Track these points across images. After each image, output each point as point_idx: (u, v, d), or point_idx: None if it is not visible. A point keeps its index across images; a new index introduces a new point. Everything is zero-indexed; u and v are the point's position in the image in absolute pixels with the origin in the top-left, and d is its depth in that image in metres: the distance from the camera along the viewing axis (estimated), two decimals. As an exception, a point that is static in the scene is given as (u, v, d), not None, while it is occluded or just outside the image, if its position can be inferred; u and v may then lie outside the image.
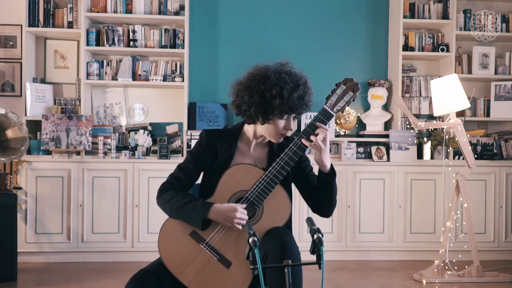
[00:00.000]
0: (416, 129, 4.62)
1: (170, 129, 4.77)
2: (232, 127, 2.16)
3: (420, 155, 4.69)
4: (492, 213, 4.63)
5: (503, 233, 4.63)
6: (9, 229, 3.70)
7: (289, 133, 2.10)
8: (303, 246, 2.17)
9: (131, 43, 4.65)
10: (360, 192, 4.55)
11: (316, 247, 1.60)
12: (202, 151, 2.09)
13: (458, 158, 4.68)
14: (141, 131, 4.64)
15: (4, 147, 3.85)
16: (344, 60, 5.00)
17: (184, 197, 1.97)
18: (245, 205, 1.95)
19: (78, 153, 4.43)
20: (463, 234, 4.51)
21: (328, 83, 2.06)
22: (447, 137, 4.57)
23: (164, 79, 4.70)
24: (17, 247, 3.79)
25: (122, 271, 4.00)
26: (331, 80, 2.06)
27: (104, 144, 4.48)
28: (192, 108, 4.71)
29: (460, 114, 4.69)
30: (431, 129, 4.68)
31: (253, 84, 1.97)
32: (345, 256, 4.55)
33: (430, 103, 4.85)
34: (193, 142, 4.45)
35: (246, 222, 1.92)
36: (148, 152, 4.55)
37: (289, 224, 2.05)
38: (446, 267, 3.98)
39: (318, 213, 2.13)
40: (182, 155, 4.54)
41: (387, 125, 4.93)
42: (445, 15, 4.83)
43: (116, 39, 4.64)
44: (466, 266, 3.98)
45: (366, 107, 4.99)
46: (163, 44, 4.70)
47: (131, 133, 4.67)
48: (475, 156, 4.46)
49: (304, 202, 2.18)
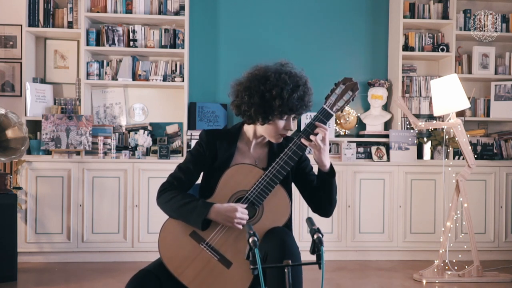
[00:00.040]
0: (416, 129, 4.62)
1: (170, 129, 4.77)
2: (232, 127, 2.16)
3: (420, 155, 4.69)
4: (492, 213, 4.63)
5: (503, 233, 4.63)
6: (9, 229, 3.70)
7: (289, 133, 2.10)
8: (303, 246, 2.17)
9: (131, 43, 4.65)
10: (360, 192, 4.55)
11: (316, 247, 1.59)
12: (202, 151, 2.09)
13: (458, 158, 4.68)
14: (141, 131, 4.64)
15: (4, 147, 3.85)
16: (344, 60, 5.00)
17: (184, 197, 1.97)
18: (245, 205, 1.95)
19: (78, 153, 4.43)
20: (463, 234, 4.51)
21: (328, 83, 2.06)
22: (447, 137, 4.56)
23: (164, 79, 4.70)
24: (17, 247, 3.79)
25: (122, 271, 4.00)
26: (331, 80, 2.06)
27: (104, 144, 4.48)
28: (192, 108, 4.71)
29: (460, 114, 4.69)
30: (431, 129, 4.68)
31: (253, 85, 1.97)
32: (345, 256, 4.55)
33: (430, 103, 4.85)
34: (193, 142, 4.45)
35: (246, 222, 1.92)
36: (148, 152, 4.55)
37: (289, 224, 2.05)
38: (446, 267, 3.98)
39: (318, 213, 2.13)
40: (182, 155, 4.54)
41: (387, 125, 4.93)
42: (445, 15, 4.83)
43: (116, 39, 4.64)
44: (466, 266, 3.98)
45: (366, 107, 4.99)
46: (163, 44, 4.70)
47: (131, 133, 4.67)
48: (475, 156, 4.46)
49: (304, 202, 2.18)
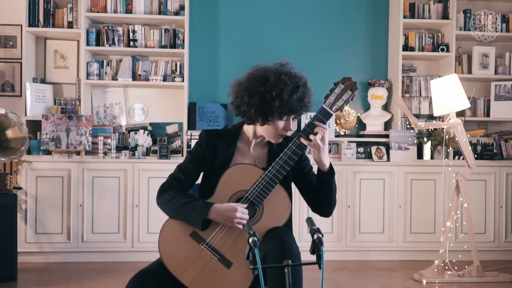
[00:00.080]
0: (416, 129, 4.62)
1: (170, 129, 4.77)
2: (232, 127, 2.16)
3: (420, 155, 4.69)
4: (492, 213, 4.63)
5: (503, 233, 4.63)
6: (9, 229, 3.70)
7: (289, 133, 2.10)
8: (303, 246, 2.17)
9: (131, 43, 4.65)
10: (360, 192, 4.55)
11: (316, 247, 1.59)
12: (202, 151, 2.08)
13: (458, 158, 4.68)
14: (141, 131, 4.64)
15: (4, 147, 3.85)
16: (344, 60, 5.00)
17: (184, 198, 1.97)
18: (246, 205, 1.94)
19: (78, 153, 4.43)
20: (463, 234, 4.51)
21: (328, 83, 2.06)
22: (447, 137, 4.56)
23: (164, 79, 4.70)
24: (17, 247, 3.79)
25: (122, 271, 4.00)
26: (331, 80, 2.06)
27: (104, 144, 4.48)
28: (192, 108, 4.71)
29: (460, 114, 4.69)
30: (431, 129, 4.68)
31: (253, 86, 1.97)
32: (345, 256, 4.55)
33: (430, 103, 4.85)
34: (193, 142, 4.45)
35: (246, 222, 1.92)
36: (148, 152, 4.55)
37: (289, 224, 2.05)
38: (446, 267, 3.98)
39: (318, 213, 2.13)
40: (182, 155, 4.54)
41: (387, 125, 4.93)
42: (445, 15, 4.83)
43: (116, 39, 4.64)
44: (466, 266, 3.98)
45: (366, 107, 4.99)
46: (163, 44, 4.70)
47: (131, 133, 4.67)
48: (475, 156, 4.46)
49: (304, 202, 2.18)
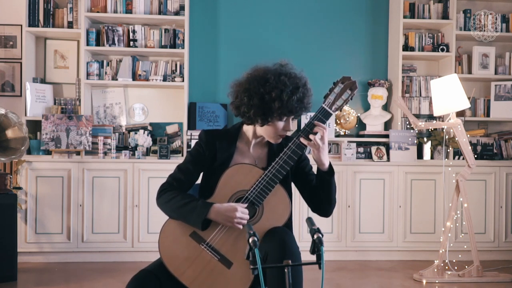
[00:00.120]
0: (416, 129, 4.62)
1: (170, 129, 4.77)
2: (232, 127, 2.16)
3: (420, 155, 4.69)
4: (492, 213, 4.63)
5: (503, 233, 4.63)
6: (9, 229, 3.70)
7: (289, 133, 2.10)
8: (303, 246, 2.17)
9: (131, 43, 4.65)
10: (360, 192, 4.54)
11: (316, 247, 1.59)
12: (202, 152, 2.08)
13: (458, 158, 4.68)
14: (141, 131, 4.64)
15: (4, 147, 3.85)
16: (344, 60, 5.00)
17: (184, 198, 1.97)
18: (246, 205, 1.94)
19: (78, 153, 4.43)
20: (463, 234, 4.51)
21: (328, 83, 2.05)
22: (447, 137, 4.56)
23: (164, 79, 4.70)
24: (17, 247, 3.79)
25: (122, 271, 4.00)
26: (331, 80, 2.06)
27: (104, 144, 4.48)
28: (192, 108, 4.71)
29: (460, 114, 4.69)
30: (431, 129, 4.68)
31: (253, 86, 1.97)
32: (345, 256, 4.55)
33: (430, 103, 4.85)
34: (193, 142, 4.45)
35: (246, 222, 1.92)
36: (148, 152, 4.55)
37: (289, 224, 2.05)
38: (446, 267, 3.98)
39: (318, 213, 2.13)
40: (182, 155, 4.54)
41: (387, 125, 4.93)
42: (445, 15, 4.83)
43: (116, 39, 4.64)
44: (466, 266, 3.98)
45: (366, 107, 4.99)
46: (163, 44, 4.70)
47: (131, 133, 4.67)
48: (475, 156, 4.46)
49: (304, 202, 2.18)
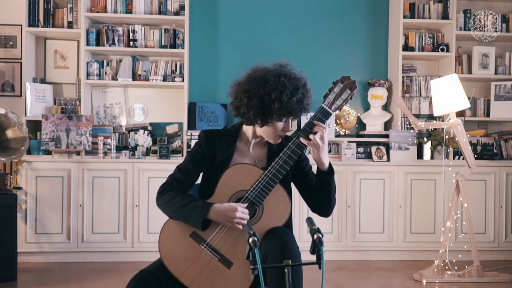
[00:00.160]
0: (416, 129, 4.62)
1: (170, 129, 4.77)
2: (231, 127, 2.16)
3: (420, 155, 4.69)
4: (492, 213, 4.63)
5: (503, 233, 4.63)
6: (9, 229, 3.70)
7: (289, 133, 2.10)
8: (303, 246, 2.17)
9: (131, 43, 4.65)
10: (360, 192, 4.54)
11: (316, 247, 1.59)
12: (201, 152, 2.08)
13: (458, 158, 4.68)
14: (141, 131, 4.64)
15: (4, 147, 3.85)
16: (344, 60, 5.00)
17: (184, 198, 1.97)
18: (246, 205, 1.94)
19: (78, 153, 4.43)
20: (463, 234, 4.51)
21: (328, 83, 2.05)
22: (447, 137, 4.56)
23: (164, 79, 4.70)
24: (17, 247, 3.79)
25: (122, 271, 4.00)
26: (331, 80, 2.06)
27: (104, 144, 4.48)
28: (192, 108, 4.71)
29: (460, 114, 4.69)
30: (431, 129, 4.68)
31: (252, 87, 1.96)
32: (345, 256, 4.55)
33: (430, 103, 4.85)
34: (193, 142, 4.45)
35: (246, 222, 1.92)
36: (148, 152, 4.55)
37: (289, 224, 2.05)
38: (446, 267, 3.98)
39: (317, 213, 2.13)
40: (182, 155, 4.54)
41: (387, 125, 4.93)
42: (445, 15, 4.83)
43: (116, 39, 4.64)
44: (466, 266, 3.98)
45: (366, 107, 4.99)
46: (163, 44, 4.70)
47: (131, 133, 4.67)
48: (475, 156, 4.46)
49: (304, 202, 2.18)
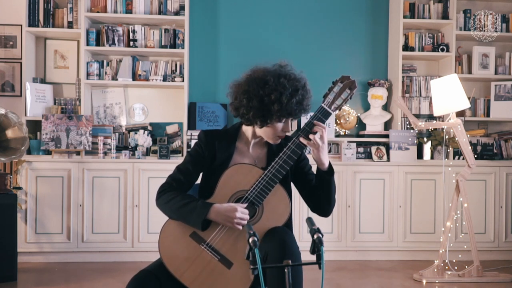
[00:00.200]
0: (416, 129, 4.62)
1: (170, 129, 4.77)
2: (231, 127, 2.16)
3: (420, 155, 4.69)
4: (492, 213, 4.63)
5: (503, 233, 4.63)
6: (9, 229, 3.70)
7: (288, 133, 2.10)
8: (303, 246, 2.17)
9: (131, 43, 4.65)
10: (360, 192, 4.54)
11: (316, 247, 1.59)
12: (201, 152, 2.08)
13: (458, 158, 4.68)
14: (141, 131, 4.64)
15: (4, 147, 3.85)
16: (344, 60, 5.00)
17: (184, 198, 1.97)
18: (245, 205, 1.94)
19: (78, 153, 4.43)
20: (463, 234, 4.51)
21: (328, 83, 2.05)
22: (447, 137, 4.56)
23: (164, 79, 4.70)
24: (17, 247, 3.79)
25: (122, 271, 4.00)
26: (331, 80, 2.06)
27: (104, 144, 4.48)
28: (192, 108, 4.71)
29: (460, 114, 4.69)
30: (431, 129, 4.68)
31: (252, 88, 1.96)
32: (345, 256, 4.55)
33: (430, 103, 4.85)
34: (193, 142, 4.45)
35: (246, 222, 1.92)
36: (148, 152, 4.55)
37: (289, 224, 2.05)
38: (446, 267, 3.98)
39: (317, 213, 2.13)
40: (182, 155, 4.54)
41: (387, 125, 4.93)
42: (445, 15, 4.83)
43: (116, 39, 4.64)
44: (466, 266, 3.98)
45: (366, 107, 4.99)
46: (163, 44, 4.70)
47: (131, 133, 4.67)
48: (475, 156, 4.46)
49: (304, 202, 2.17)
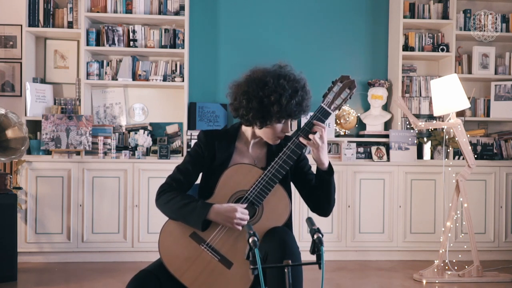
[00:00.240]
0: (416, 129, 4.62)
1: (170, 129, 4.77)
2: (230, 127, 2.16)
3: (420, 155, 4.69)
4: (492, 213, 4.63)
5: (503, 233, 4.63)
6: (9, 229, 3.70)
7: (288, 134, 2.10)
8: (303, 246, 2.17)
9: (131, 43, 4.65)
10: (360, 192, 4.54)
11: (316, 247, 1.59)
12: (201, 152, 2.08)
13: (458, 158, 4.68)
14: (141, 131, 4.64)
15: (4, 147, 3.85)
16: (344, 60, 5.00)
17: (183, 198, 1.97)
18: (245, 205, 1.94)
19: (78, 153, 4.43)
20: (463, 234, 4.51)
21: (328, 83, 2.05)
22: (447, 137, 4.56)
23: (164, 79, 4.70)
24: (17, 247, 3.79)
25: (122, 271, 4.00)
26: (331, 80, 2.06)
27: (104, 144, 4.48)
28: (192, 108, 4.71)
29: (460, 114, 4.68)
30: (431, 129, 4.68)
31: (251, 89, 1.96)
32: (345, 256, 4.55)
33: (430, 103, 4.85)
34: (193, 142, 4.45)
35: (246, 222, 1.92)
36: (148, 152, 4.55)
37: (289, 223, 2.05)
38: (446, 267, 3.98)
39: (317, 212, 2.13)
40: (182, 155, 4.54)
41: (387, 125, 4.93)
42: (445, 15, 4.83)
43: (116, 39, 4.64)
44: (466, 266, 3.98)
45: (366, 107, 4.99)
46: (163, 44, 4.70)
47: (131, 133, 4.67)
48: (475, 156, 4.46)
49: (304, 202, 2.17)
